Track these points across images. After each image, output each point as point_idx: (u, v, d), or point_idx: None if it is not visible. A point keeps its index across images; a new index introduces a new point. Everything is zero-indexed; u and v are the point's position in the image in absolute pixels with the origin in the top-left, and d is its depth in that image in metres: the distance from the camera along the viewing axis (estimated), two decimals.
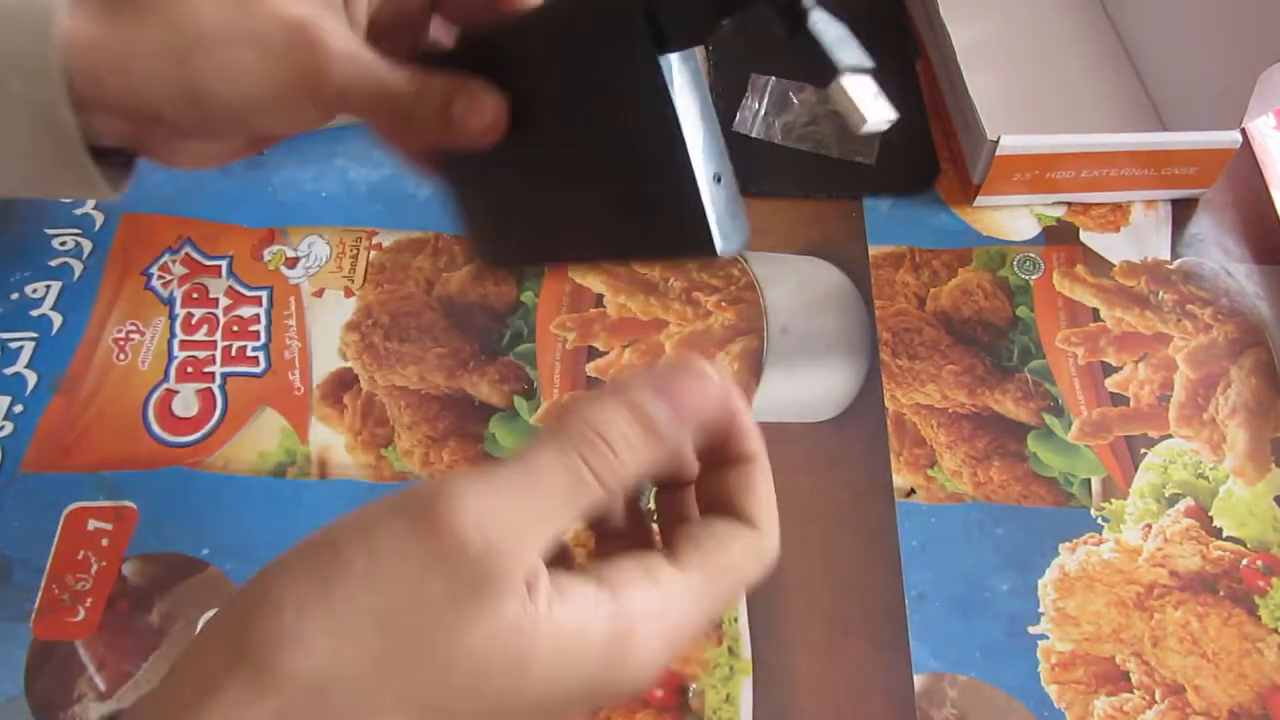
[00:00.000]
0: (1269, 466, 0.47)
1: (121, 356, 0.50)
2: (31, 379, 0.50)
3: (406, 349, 0.51)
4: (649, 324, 0.51)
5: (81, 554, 0.45)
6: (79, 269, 0.53)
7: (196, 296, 0.52)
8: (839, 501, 0.46)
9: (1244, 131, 0.53)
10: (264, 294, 0.52)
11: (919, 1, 0.61)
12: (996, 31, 0.62)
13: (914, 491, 0.46)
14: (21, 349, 0.51)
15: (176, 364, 0.50)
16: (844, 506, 0.46)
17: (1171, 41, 0.58)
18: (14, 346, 0.51)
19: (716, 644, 0.43)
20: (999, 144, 0.51)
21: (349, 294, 0.53)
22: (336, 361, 0.50)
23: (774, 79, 0.60)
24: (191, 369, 0.50)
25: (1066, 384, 0.49)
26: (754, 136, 0.58)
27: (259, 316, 0.52)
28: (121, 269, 0.53)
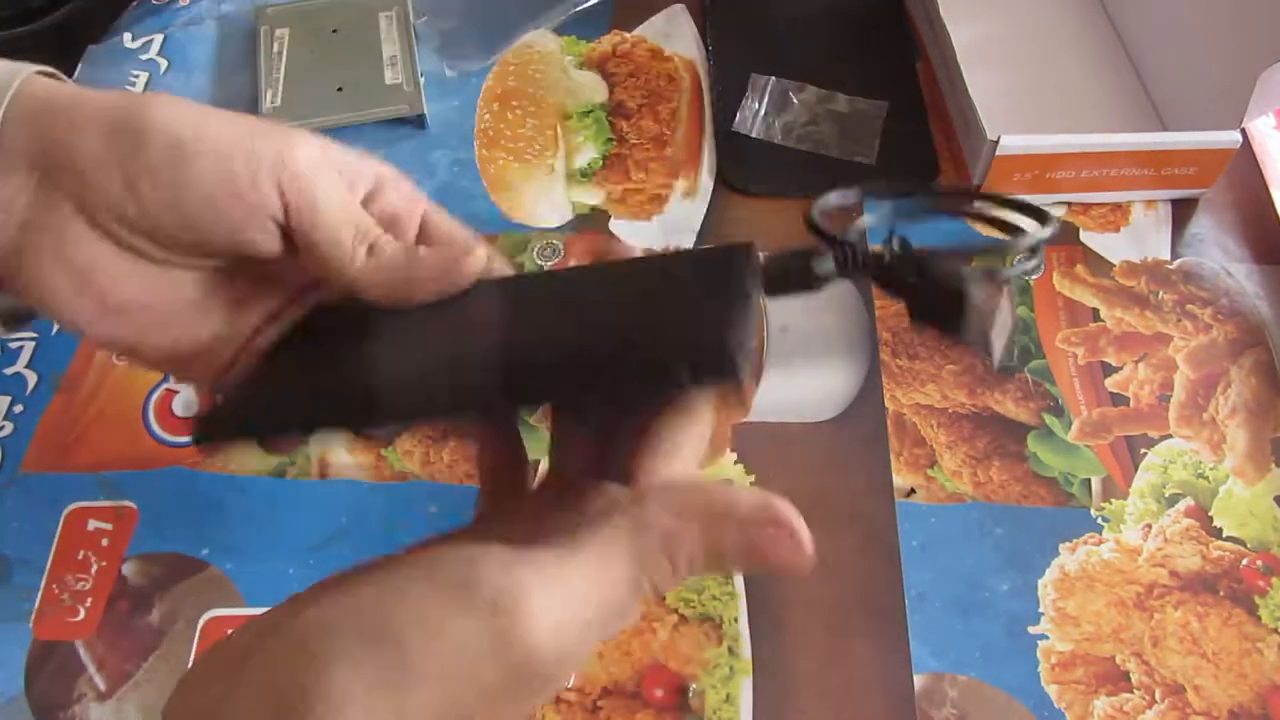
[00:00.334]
0: (1269, 466, 0.47)
1: (122, 357, 0.50)
2: (32, 379, 0.50)
3: None
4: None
5: (81, 554, 0.45)
6: None
7: None
8: (839, 501, 0.46)
9: (1244, 131, 0.53)
10: None
11: (919, 1, 0.61)
12: (996, 31, 0.62)
13: (914, 491, 0.46)
14: (21, 349, 0.51)
15: None
16: (844, 506, 0.46)
17: (1171, 41, 0.58)
18: (14, 346, 0.51)
19: (716, 644, 0.43)
20: (999, 144, 0.51)
21: None
22: None
23: (774, 79, 0.60)
24: None
25: (1066, 384, 0.49)
26: (754, 136, 0.58)
27: None
28: None
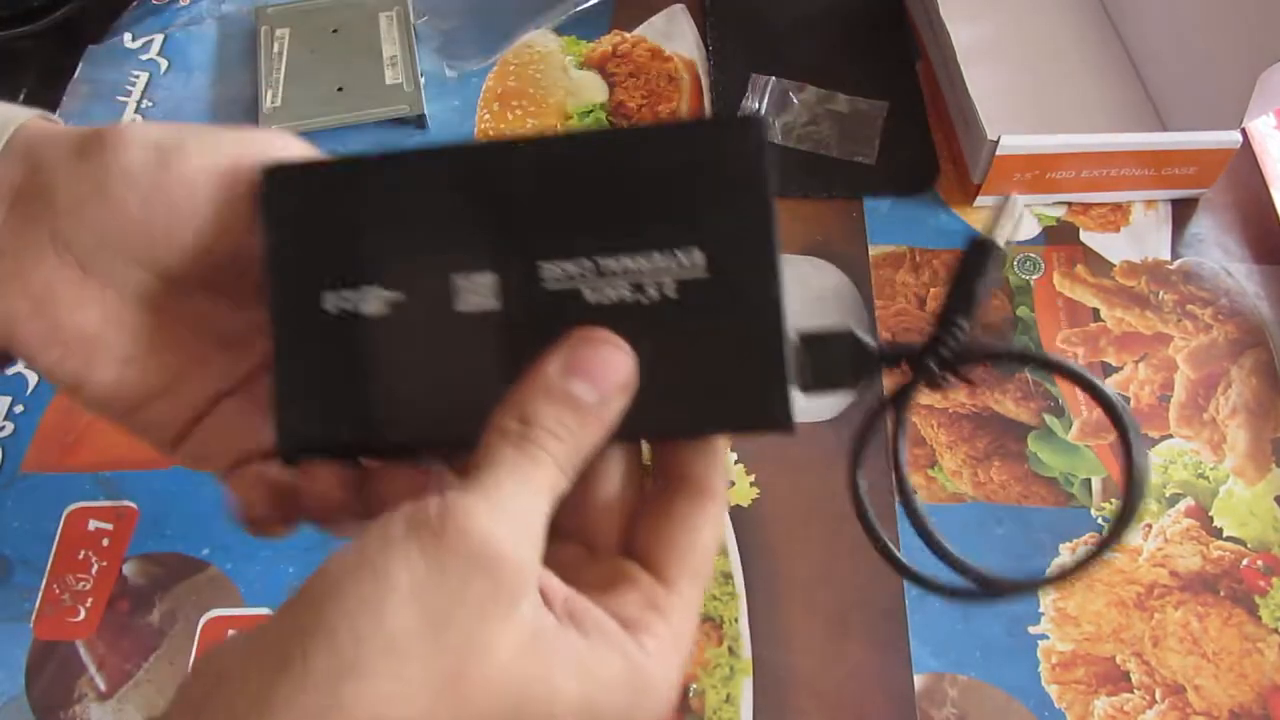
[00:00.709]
0: (1269, 466, 0.47)
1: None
2: (32, 379, 0.50)
3: None
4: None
5: (81, 554, 0.45)
6: None
7: None
8: (839, 501, 0.46)
9: (1244, 131, 0.53)
10: None
11: (919, 1, 0.61)
12: (996, 31, 0.62)
13: (914, 491, 0.46)
14: None
15: None
16: (844, 506, 0.46)
17: (1171, 41, 0.58)
18: None
19: (717, 644, 0.43)
20: (999, 144, 0.51)
21: None
22: None
23: (774, 79, 0.60)
24: None
25: (1067, 384, 0.49)
26: None
27: None
28: None
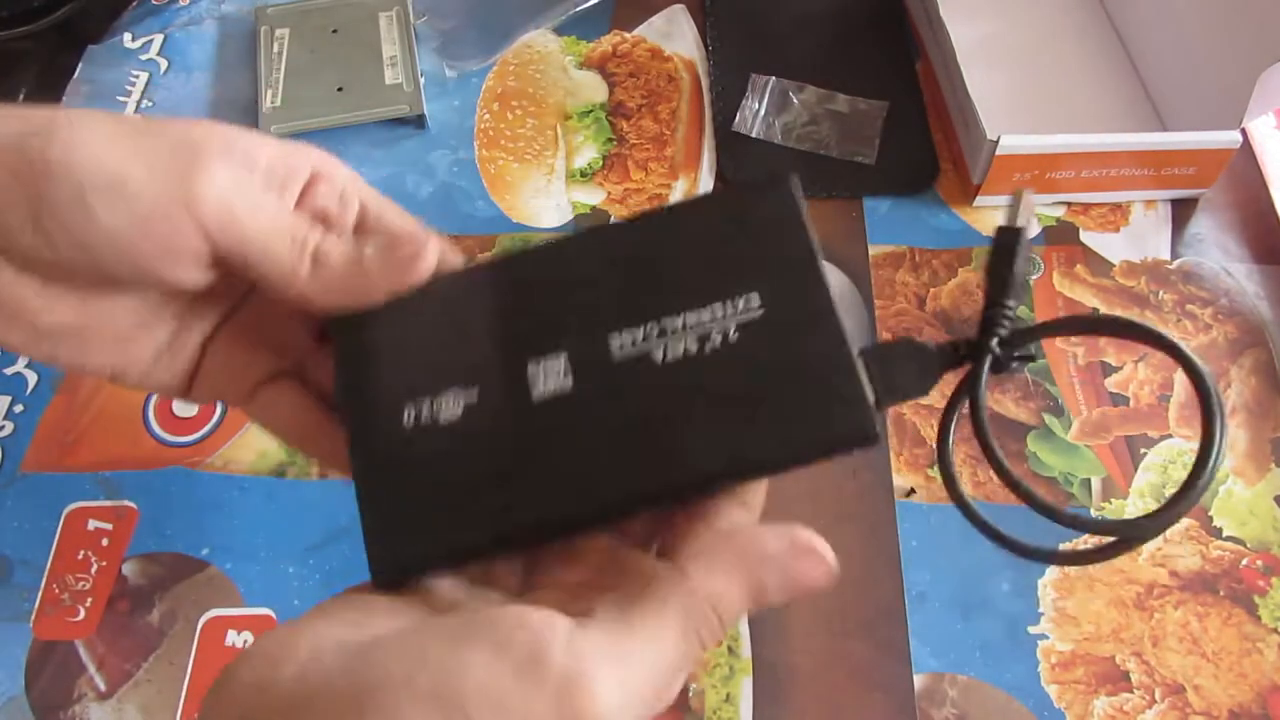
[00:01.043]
0: (1269, 466, 0.47)
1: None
2: (32, 379, 0.50)
3: None
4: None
5: (81, 554, 0.45)
6: None
7: None
8: (839, 501, 0.46)
9: (1244, 131, 0.53)
10: None
11: (919, 1, 0.61)
12: (996, 31, 0.62)
13: (914, 491, 0.46)
14: None
15: None
16: (844, 506, 0.46)
17: (1171, 41, 0.58)
18: None
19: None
20: (999, 144, 0.51)
21: None
22: None
23: (774, 79, 0.60)
24: None
25: (1066, 384, 0.49)
26: (754, 136, 0.58)
27: None
28: None
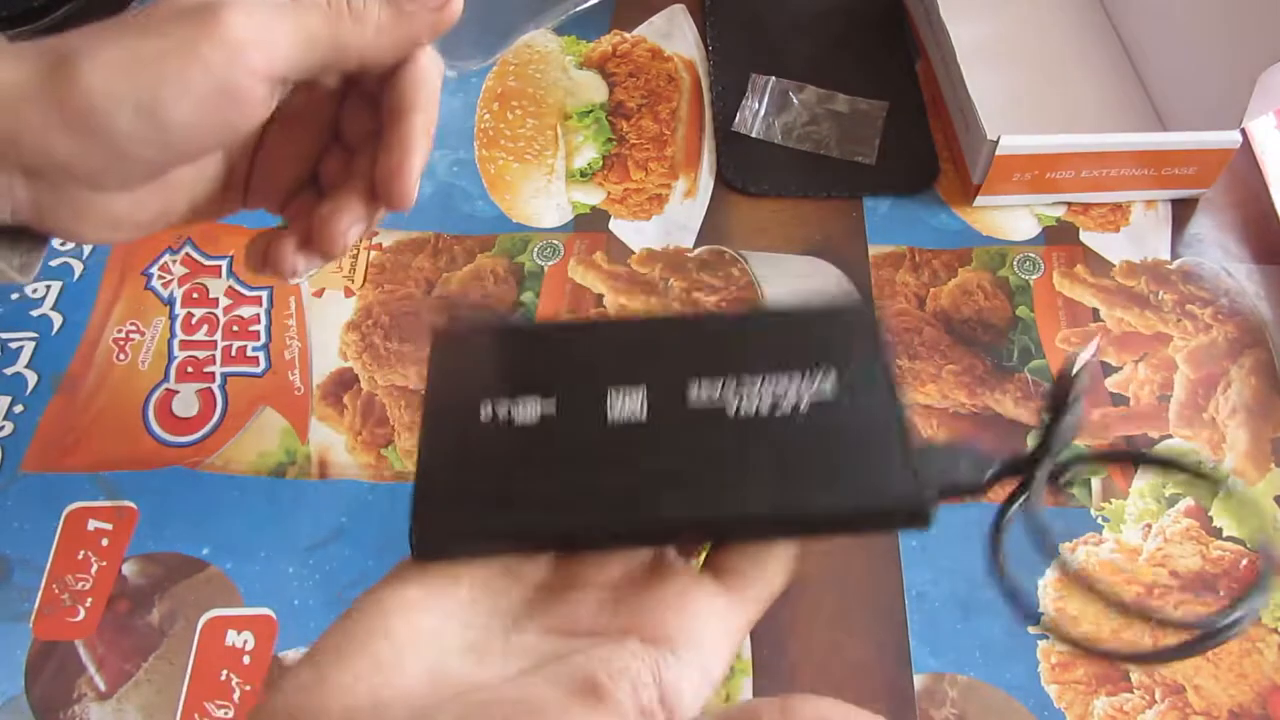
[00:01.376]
0: (1269, 466, 0.47)
1: (121, 356, 0.50)
2: (32, 379, 0.50)
3: (407, 349, 0.51)
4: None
5: (81, 554, 0.45)
6: (79, 269, 0.54)
7: (197, 296, 0.52)
8: None
9: (1244, 131, 0.53)
10: (264, 294, 0.52)
11: (919, 1, 0.61)
12: (996, 31, 0.62)
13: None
14: (21, 349, 0.51)
15: (176, 364, 0.50)
16: None
17: (1171, 41, 0.58)
18: (14, 346, 0.51)
19: None
20: (999, 144, 0.51)
21: (349, 294, 0.53)
22: (336, 361, 0.50)
23: (774, 79, 0.60)
24: (191, 369, 0.50)
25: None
26: (754, 136, 0.58)
27: (259, 316, 0.52)
28: (121, 269, 0.53)
